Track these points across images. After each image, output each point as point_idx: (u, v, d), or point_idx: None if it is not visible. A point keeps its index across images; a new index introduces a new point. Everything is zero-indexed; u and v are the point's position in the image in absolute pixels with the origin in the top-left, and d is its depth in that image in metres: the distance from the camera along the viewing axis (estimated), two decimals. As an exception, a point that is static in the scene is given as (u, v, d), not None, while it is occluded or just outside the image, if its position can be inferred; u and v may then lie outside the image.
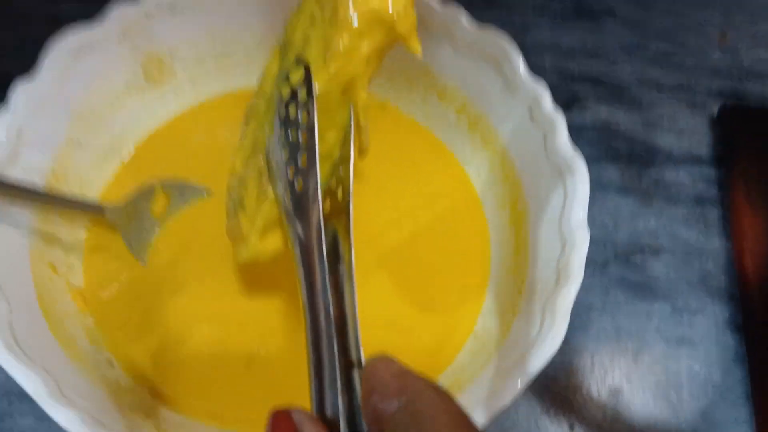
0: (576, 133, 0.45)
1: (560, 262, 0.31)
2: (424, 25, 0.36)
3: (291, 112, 0.28)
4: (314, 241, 0.25)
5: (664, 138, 0.45)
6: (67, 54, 0.34)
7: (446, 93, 0.38)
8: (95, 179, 0.37)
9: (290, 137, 0.27)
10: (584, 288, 0.39)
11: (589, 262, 0.40)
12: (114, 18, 0.35)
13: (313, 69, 0.28)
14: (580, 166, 0.32)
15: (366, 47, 0.28)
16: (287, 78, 0.28)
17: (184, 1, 0.36)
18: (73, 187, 0.35)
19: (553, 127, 0.33)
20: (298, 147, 0.26)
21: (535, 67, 0.48)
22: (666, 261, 0.41)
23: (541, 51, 0.48)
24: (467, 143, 0.38)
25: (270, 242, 0.29)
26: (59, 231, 0.34)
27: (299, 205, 0.26)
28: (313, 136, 0.26)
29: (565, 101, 0.46)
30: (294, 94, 0.27)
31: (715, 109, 0.46)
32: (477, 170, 0.38)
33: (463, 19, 0.35)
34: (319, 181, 0.26)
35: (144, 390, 0.33)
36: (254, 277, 0.35)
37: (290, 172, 0.27)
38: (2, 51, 0.44)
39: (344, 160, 0.29)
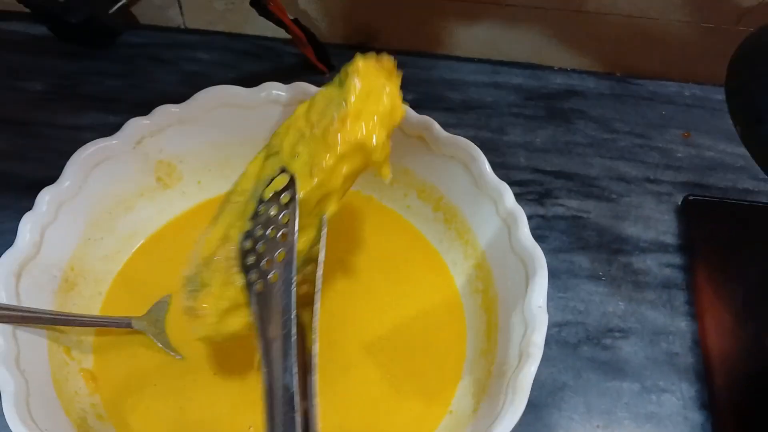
0: (548, 224, 0.49)
1: (522, 343, 0.34)
2: (403, 131, 0.41)
3: (272, 213, 0.32)
4: (281, 330, 0.29)
5: (632, 227, 0.49)
6: (88, 163, 0.39)
7: (425, 190, 0.42)
8: (109, 271, 0.41)
9: (268, 234, 0.31)
10: (558, 369, 0.42)
11: (563, 344, 0.43)
12: (129, 130, 0.40)
13: (298, 179, 0.32)
14: (539, 256, 0.36)
15: (346, 169, 0.33)
16: (270, 182, 0.32)
17: (191, 117, 0.41)
18: (88, 278, 0.40)
19: (516, 221, 0.37)
20: (276, 243, 0.30)
21: (511, 164, 0.53)
22: (634, 342, 0.43)
23: (516, 149, 0.53)
24: (444, 236, 0.42)
25: (228, 324, 0.33)
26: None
27: (271, 294, 0.30)
28: (293, 235, 0.30)
29: (539, 195, 0.50)
30: (276, 198, 0.32)
31: (679, 200, 0.50)
32: (453, 261, 0.42)
33: (434, 126, 0.40)
34: (294, 275, 0.29)
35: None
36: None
37: (265, 264, 0.30)
38: (31, 159, 0.50)
39: (311, 260, 0.33)
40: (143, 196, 0.42)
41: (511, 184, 0.51)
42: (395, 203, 0.44)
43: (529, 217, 0.49)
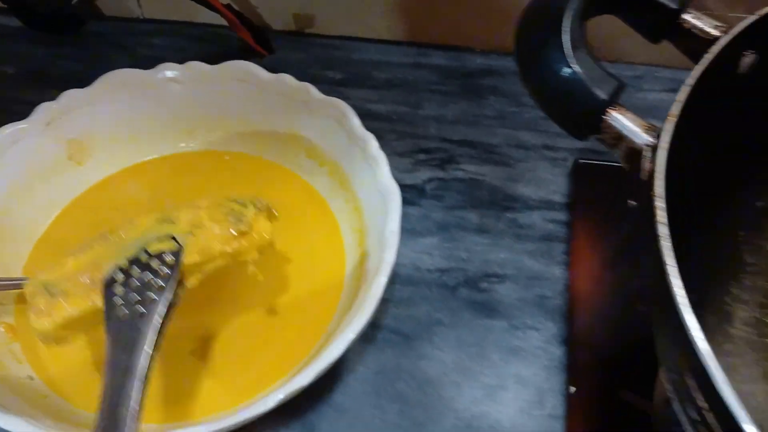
0: (446, 185, 0.54)
1: (379, 260, 0.40)
2: (289, 97, 0.47)
3: (152, 264, 0.37)
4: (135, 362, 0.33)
5: (524, 188, 0.53)
6: (4, 143, 0.46)
7: (311, 148, 0.48)
8: (29, 238, 0.47)
9: (144, 278, 0.36)
10: (435, 308, 0.47)
11: (443, 287, 0.48)
12: (39, 113, 0.47)
13: (184, 251, 0.38)
14: (395, 191, 0.42)
15: (218, 263, 0.39)
16: (159, 239, 0.38)
17: (96, 98, 0.48)
18: (8, 243, 0.46)
19: (378, 164, 0.42)
20: (150, 288, 0.35)
21: (421, 134, 0.57)
22: (509, 286, 0.48)
23: (428, 121, 0.58)
24: (330, 186, 0.48)
25: (59, 336, 0.37)
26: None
27: (131, 329, 0.34)
28: (170, 286, 0.36)
29: (441, 161, 0.55)
30: (160, 255, 0.37)
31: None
32: (339, 207, 0.47)
33: (312, 90, 0.46)
34: (160, 322, 0.35)
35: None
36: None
37: (134, 299, 0.35)
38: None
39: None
40: (58, 171, 0.48)
41: (419, 151, 0.57)
42: (291, 164, 0.50)
43: (429, 180, 0.54)
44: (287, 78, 0.49)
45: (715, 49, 0.31)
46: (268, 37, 0.62)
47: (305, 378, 0.36)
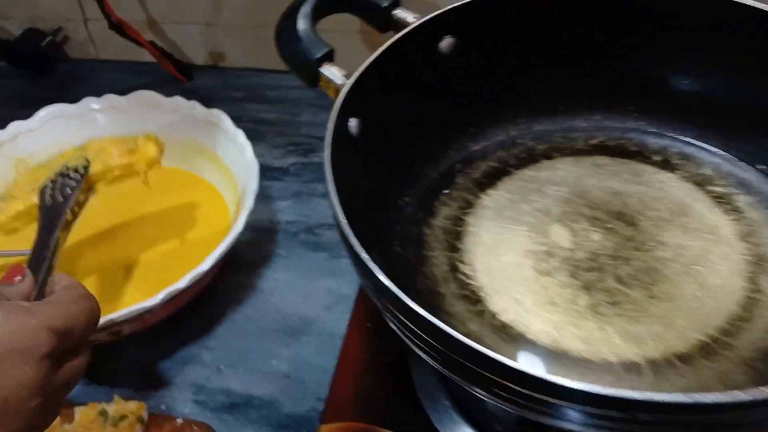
0: (306, 167, 0.72)
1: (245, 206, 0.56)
2: (181, 114, 0.65)
3: (71, 174, 0.54)
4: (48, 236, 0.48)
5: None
6: None
7: (204, 151, 0.66)
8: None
9: (64, 181, 0.53)
10: (278, 247, 0.63)
11: (287, 233, 0.64)
12: None
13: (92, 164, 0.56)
14: (254, 163, 0.59)
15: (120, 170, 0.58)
16: (76, 159, 0.55)
17: (35, 127, 0.67)
18: None
19: (244, 149, 0.60)
20: (67, 185, 0.53)
21: (295, 133, 0.75)
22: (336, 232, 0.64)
23: (302, 125, 0.76)
24: (216, 175, 0.65)
25: (11, 227, 0.57)
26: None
27: (54, 209, 0.51)
28: (80, 187, 0.53)
29: (306, 150, 0.72)
30: (75, 169, 0.54)
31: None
32: (225, 188, 0.64)
33: (198, 106, 0.64)
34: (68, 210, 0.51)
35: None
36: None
37: (58, 193, 0.53)
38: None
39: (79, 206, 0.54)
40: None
41: (290, 144, 0.74)
42: (192, 167, 0.67)
43: (294, 164, 0.72)
44: (179, 99, 0.67)
45: (404, 30, 0.48)
46: (189, 68, 0.81)
47: (182, 282, 0.51)
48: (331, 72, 0.47)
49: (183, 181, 0.67)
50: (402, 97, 0.49)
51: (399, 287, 0.34)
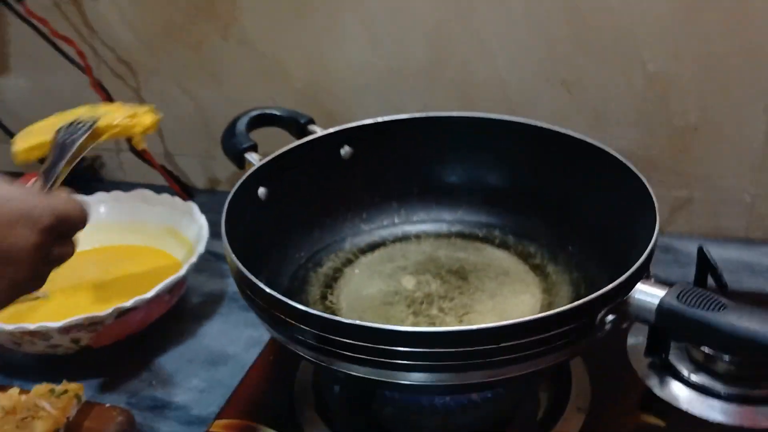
0: None
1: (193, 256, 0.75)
2: (164, 206, 0.87)
3: (80, 124, 0.72)
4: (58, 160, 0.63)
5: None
6: None
7: (168, 230, 0.86)
8: None
9: (75, 127, 0.70)
10: (221, 307, 0.80)
11: (230, 299, 0.82)
12: None
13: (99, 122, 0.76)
14: (205, 227, 0.78)
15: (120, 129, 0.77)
16: (88, 113, 0.75)
17: None
18: None
19: (202, 227, 0.80)
20: (78, 129, 0.72)
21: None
22: (268, 300, 0.81)
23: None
24: (167, 242, 0.85)
25: (29, 156, 0.70)
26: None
27: (65, 145, 0.68)
28: (87, 132, 0.71)
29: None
30: (86, 120, 0.72)
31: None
32: (179, 252, 0.84)
33: (176, 199, 0.86)
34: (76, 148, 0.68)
35: None
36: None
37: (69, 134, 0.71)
38: None
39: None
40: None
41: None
42: (155, 242, 0.87)
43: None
44: (166, 196, 0.88)
45: (306, 138, 0.69)
46: (190, 190, 1.04)
47: (129, 303, 0.69)
48: (252, 157, 0.67)
49: (150, 255, 0.87)
50: (306, 182, 0.69)
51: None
